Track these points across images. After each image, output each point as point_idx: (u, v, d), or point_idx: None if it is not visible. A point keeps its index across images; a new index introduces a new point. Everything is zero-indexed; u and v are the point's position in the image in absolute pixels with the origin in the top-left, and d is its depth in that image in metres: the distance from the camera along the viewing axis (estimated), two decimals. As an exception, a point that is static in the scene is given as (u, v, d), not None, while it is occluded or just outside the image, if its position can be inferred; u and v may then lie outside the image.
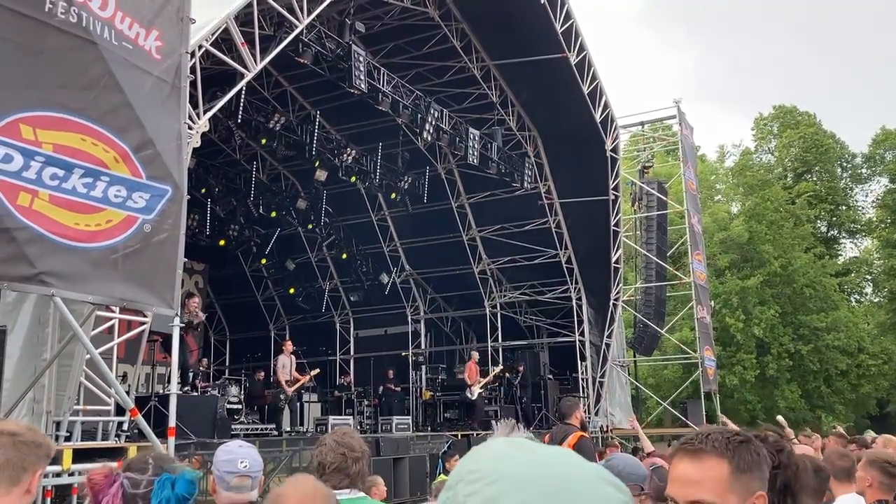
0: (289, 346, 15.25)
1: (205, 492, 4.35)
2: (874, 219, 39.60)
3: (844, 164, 41.11)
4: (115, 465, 2.37)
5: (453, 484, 0.86)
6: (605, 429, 20.97)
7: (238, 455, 3.00)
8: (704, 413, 22.03)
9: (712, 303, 28.48)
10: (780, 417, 8.82)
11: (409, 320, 23.67)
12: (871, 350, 33.70)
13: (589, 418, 19.64)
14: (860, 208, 41.23)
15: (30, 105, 5.83)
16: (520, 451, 0.86)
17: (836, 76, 79.14)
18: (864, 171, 40.75)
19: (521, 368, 19.60)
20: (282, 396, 14.40)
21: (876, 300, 39.77)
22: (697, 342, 23.31)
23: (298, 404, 15.97)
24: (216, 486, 3.00)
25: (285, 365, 14.74)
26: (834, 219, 40.65)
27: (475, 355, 17.85)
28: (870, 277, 39.93)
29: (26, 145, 5.73)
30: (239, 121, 15.23)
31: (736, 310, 32.29)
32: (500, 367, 18.97)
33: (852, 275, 39.61)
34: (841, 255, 41.07)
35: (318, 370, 16.05)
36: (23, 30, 5.81)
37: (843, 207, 40.44)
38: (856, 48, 77.42)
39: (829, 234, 41.29)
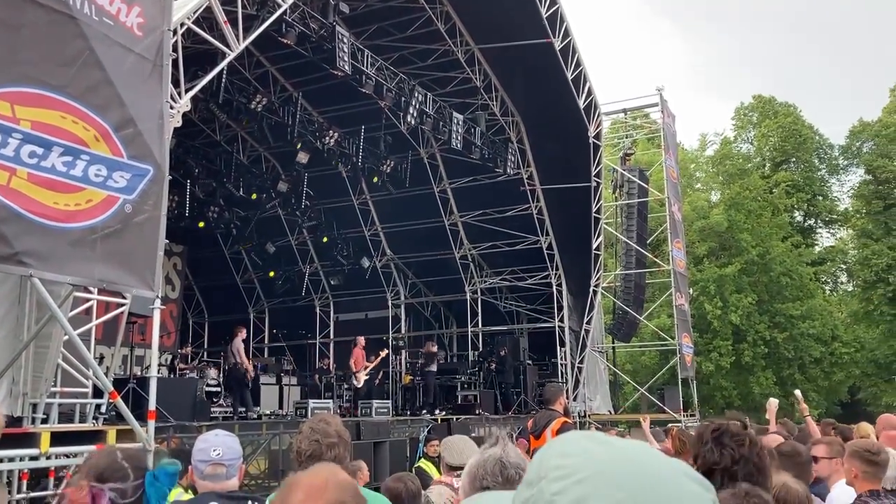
0: (242, 331, 14.57)
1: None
2: (850, 209, 40.02)
3: (822, 155, 41.45)
4: (84, 482, 2.20)
5: (535, 480, 0.81)
6: (583, 414, 21.12)
7: (212, 444, 3.00)
8: (681, 399, 22.27)
9: (690, 290, 28.73)
10: (797, 392, 8.70)
11: (390, 305, 23.64)
12: (845, 338, 34.22)
13: (568, 403, 19.74)
14: (836, 199, 41.67)
15: (7, 81, 5.68)
16: (603, 447, 0.81)
17: (817, 68, 79.70)
18: (840, 161, 41.12)
19: (503, 352, 19.61)
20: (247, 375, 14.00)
21: (850, 289, 40.31)
22: (675, 329, 23.52)
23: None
24: (193, 475, 2.99)
25: (240, 349, 14.29)
26: (811, 208, 41.05)
27: (360, 341, 16.60)
28: (844, 267, 40.41)
29: (4, 122, 5.60)
30: (220, 101, 15.03)
31: (713, 297, 32.58)
32: (385, 350, 17.44)
33: (828, 264, 40.09)
34: (817, 244, 41.54)
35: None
36: (1, 4, 5.65)
37: (820, 197, 40.82)
38: (837, 40, 77.93)
39: (805, 224, 41.71)
